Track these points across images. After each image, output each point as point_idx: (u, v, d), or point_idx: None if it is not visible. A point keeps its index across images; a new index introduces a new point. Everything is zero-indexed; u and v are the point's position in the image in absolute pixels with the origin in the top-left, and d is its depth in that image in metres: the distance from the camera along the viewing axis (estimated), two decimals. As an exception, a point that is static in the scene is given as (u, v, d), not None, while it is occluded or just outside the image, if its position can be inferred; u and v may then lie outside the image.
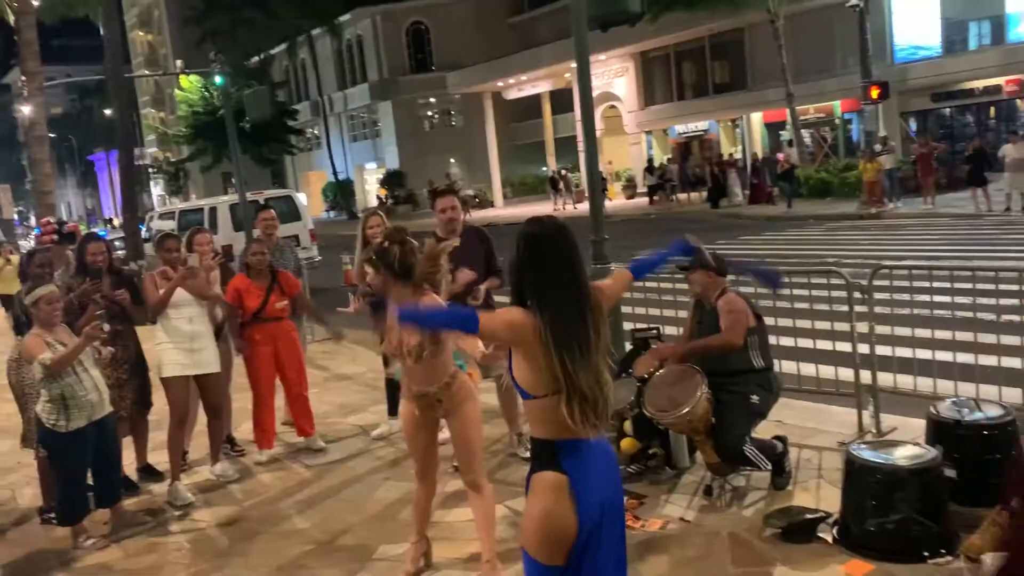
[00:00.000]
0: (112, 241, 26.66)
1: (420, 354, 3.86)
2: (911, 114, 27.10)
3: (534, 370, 2.63)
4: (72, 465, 4.96)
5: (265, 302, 6.17)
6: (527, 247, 2.71)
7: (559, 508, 2.60)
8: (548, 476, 2.64)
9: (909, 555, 3.83)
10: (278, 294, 6.25)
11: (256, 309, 6.16)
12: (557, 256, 2.68)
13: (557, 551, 2.63)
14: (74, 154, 73.33)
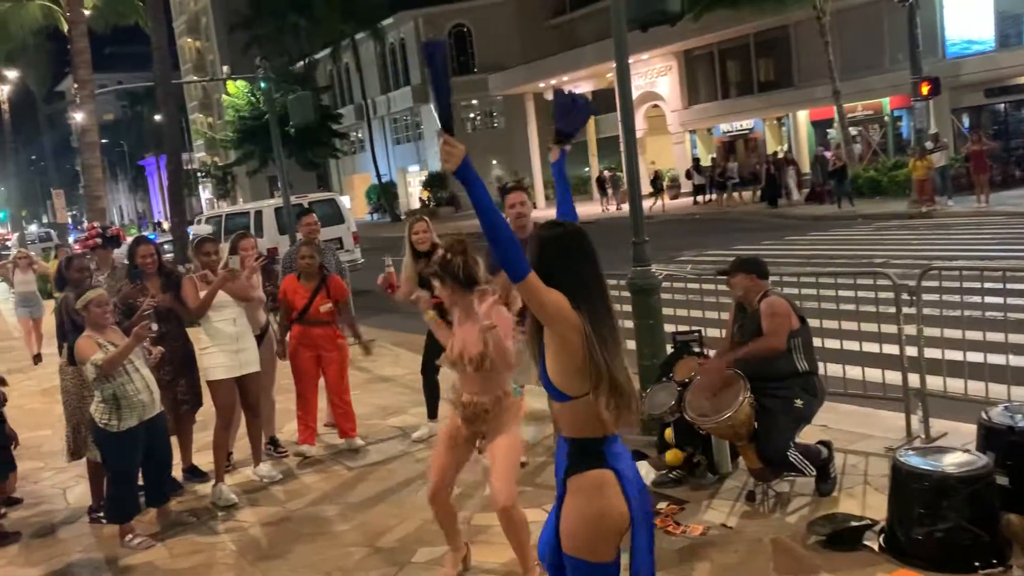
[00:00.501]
0: (161, 244, 27.19)
1: (481, 364, 3.85)
2: (963, 110, 26.44)
3: (572, 369, 2.63)
4: (123, 464, 5.07)
5: (309, 304, 6.26)
6: (557, 249, 2.72)
7: (615, 503, 2.66)
8: (596, 475, 2.67)
9: (958, 565, 3.72)
10: (323, 297, 6.32)
11: (300, 310, 6.26)
12: (585, 256, 2.71)
13: (613, 546, 2.68)
14: (125, 159, 75.08)
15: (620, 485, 2.67)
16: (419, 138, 47.84)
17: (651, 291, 5.96)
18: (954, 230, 16.73)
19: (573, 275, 2.68)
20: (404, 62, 47.12)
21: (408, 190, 49.93)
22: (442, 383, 6.64)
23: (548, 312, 2.61)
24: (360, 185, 52.74)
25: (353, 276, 12.78)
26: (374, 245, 23.03)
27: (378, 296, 14.09)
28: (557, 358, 2.66)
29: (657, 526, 4.51)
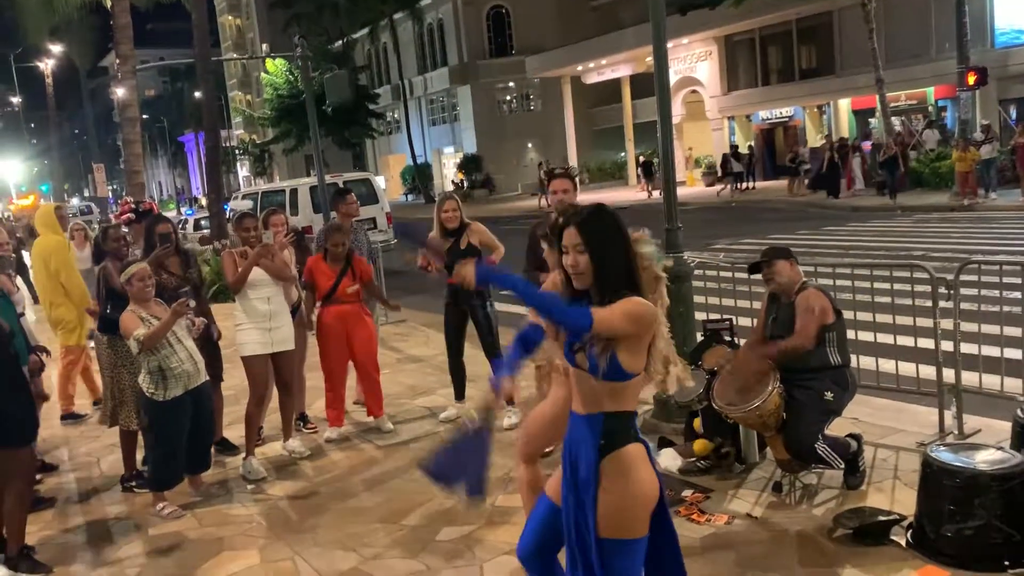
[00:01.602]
0: (199, 219, 27.34)
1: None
2: (1011, 102, 25.79)
3: (640, 351, 2.68)
4: (169, 432, 5.17)
5: (336, 285, 6.30)
6: (623, 233, 2.76)
7: (652, 475, 2.72)
8: (634, 449, 2.71)
9: (988, 564, 3.66)
10: (350, 278, 6.36)
11: (327, 292, 6.31)
12: (623, 233, 2.78)
13: (648, 519, 2.73)
14: (165, 135, 76.01)
15: (649, 457, 2.74)
16: (455, 120, 47.81)
17: (683, 278, 5.91)
18: (996, 224, 16.38)
19: (624, 254, 2.73)
20: (442, 43, 47.05)
21: (443, 171, 49.99)
22: (468, 365, 6.67)
23: (626, 327, 2.62)
24: (395, 166, 52.92)
25: (385, 257, 12.84)
26: (407, 226, 23.06)
27: (411, 276, 14.15)
28: (630, 346, 2.65)
29: (681, 514, 4.50)
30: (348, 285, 6.35)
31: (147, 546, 4.83)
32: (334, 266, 6.37)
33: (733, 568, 3.92)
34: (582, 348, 2.71)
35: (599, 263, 2.69)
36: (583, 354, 2.72)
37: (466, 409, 6.55)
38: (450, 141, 48.68)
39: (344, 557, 4.43)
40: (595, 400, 2.74)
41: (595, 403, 2.74)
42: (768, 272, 4.77)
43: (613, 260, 2.70)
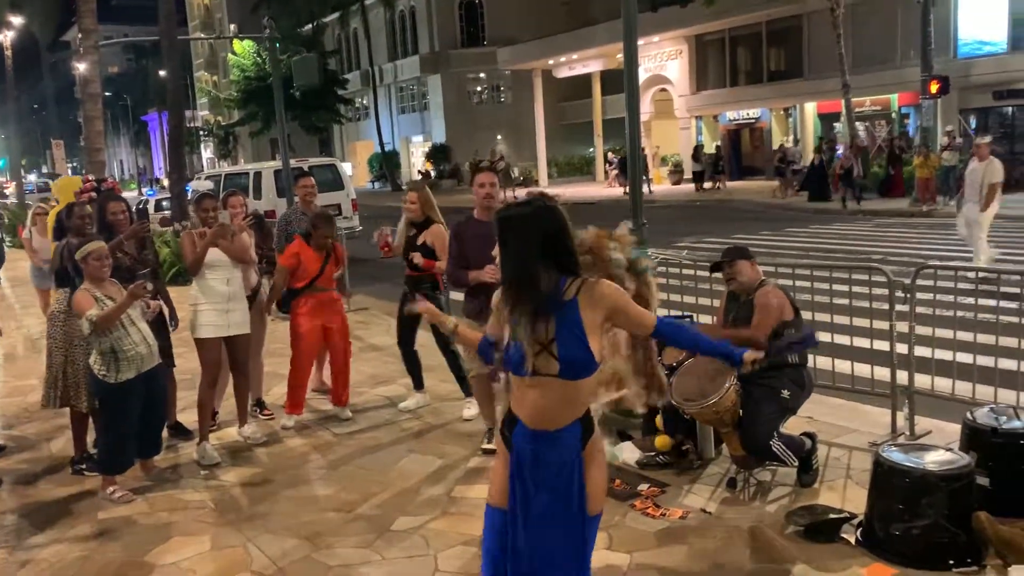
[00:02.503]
0: (160, 200, 26.86)
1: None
2: (971, 111, 26.31)
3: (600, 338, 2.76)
4: (120, 416, 5.07)
5: (322, 270, 6.25)
6: (558, 223, 2.79)
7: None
8: (598, 433, 2.85)
9: (934, 562, 3.73)
10: (334, 264, 6.35)
11: (314, 275, 6.23)
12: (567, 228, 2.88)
13: None
14: (128, 113, 74.57)
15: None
16: (424, 108, 47.55)
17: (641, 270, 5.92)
18: (953, 230, 16.69)
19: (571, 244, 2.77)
20: (413, 30, 46.74)
21: (411, 160, 49.72)
22: (421, 353, 6.64)
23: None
24: (363, 153, 52.51)
25: (350, 244, 12.74)
26: (374, 214, 22.94)
27: (375, 264, 14.04)
28: (599, 334, 2.72)
29: (637, 508, 4.53)
30: (333, 271, 6.38)
31: (96, 530, 4.74)
32: (319, 252, 6.30)
33: (686, 562, 3.96)
34: (544, 349, 2.67)
35: (508, 261, 2.80)
36: (546, 355, 2.67)
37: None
38: (419, 130, 48.41)
39: (297, 545, 4.39)
40: (575, 405, 2.74)
41: (574, 409, 2.74)
42: (729, 272, 4.81)
43: (525, 259, 2.70)
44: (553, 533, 2.75)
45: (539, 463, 2.75)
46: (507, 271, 2.76)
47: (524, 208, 2.78)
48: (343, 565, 4.14)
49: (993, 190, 10.15)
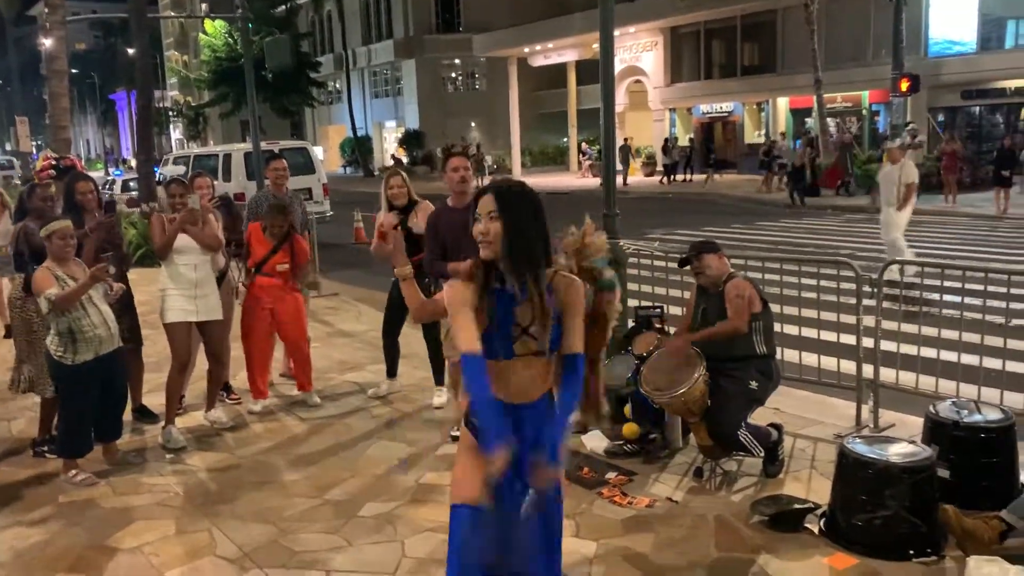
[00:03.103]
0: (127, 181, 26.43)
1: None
2: (940, 109, 26.69)
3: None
4: (78, 398, 4.99)
5: (267, 258, 6.16)
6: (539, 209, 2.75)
7: None
8: None
9: (895, 552, 3.79)
10: (284, 254, 6.21)
11: (259, 261, 6.16)
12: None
13: None
14: (96, 92, 73.28)
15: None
16: (398, 94, 47.23)
17: (618, 265, 5.95)
18: (920, 227, 16.94)
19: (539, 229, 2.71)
20: (388, 14, 46.34)
21: (384, 146, 49.38)
22: (402, 344, 6.60)
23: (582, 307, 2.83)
24: (335, 137, 52.05)
25: (321, 229, 12.65)
26: (345, 199, 22.80)
27: (344, 250, 13.94)
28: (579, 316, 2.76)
29: (604, 496, 4.55)
30: (279, 261, 6.19)
31: (57, 513, 4.67)
32: (271, 239, 6.23)
33: (652, 549, 3.98)
34: (525, 332, 2.69)
35: (511, 232, 2.62)
36: (529, 338, 2.69)
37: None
38: (392, 115, 48.08)
39: (263, 530, 4.35)
40: (543, 379, 2.77)
41: (543, 382, 2.77)
42: (697, 266, 4.83)
43: (526, 230, 2.64)
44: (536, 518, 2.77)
45: (521, 431, 2.72)
46: (508, 244, 2.63)
47: (517, 184, 2.77)
48: (309, 551, 4.12)
49: (910, 191, 10.33)
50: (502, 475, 2.65)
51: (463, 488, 2.76)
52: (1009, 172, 18.00)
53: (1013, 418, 4.32)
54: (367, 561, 3.99)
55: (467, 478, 2.75)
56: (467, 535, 2.71)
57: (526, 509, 2.73)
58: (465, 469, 2.78)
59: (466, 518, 2.71)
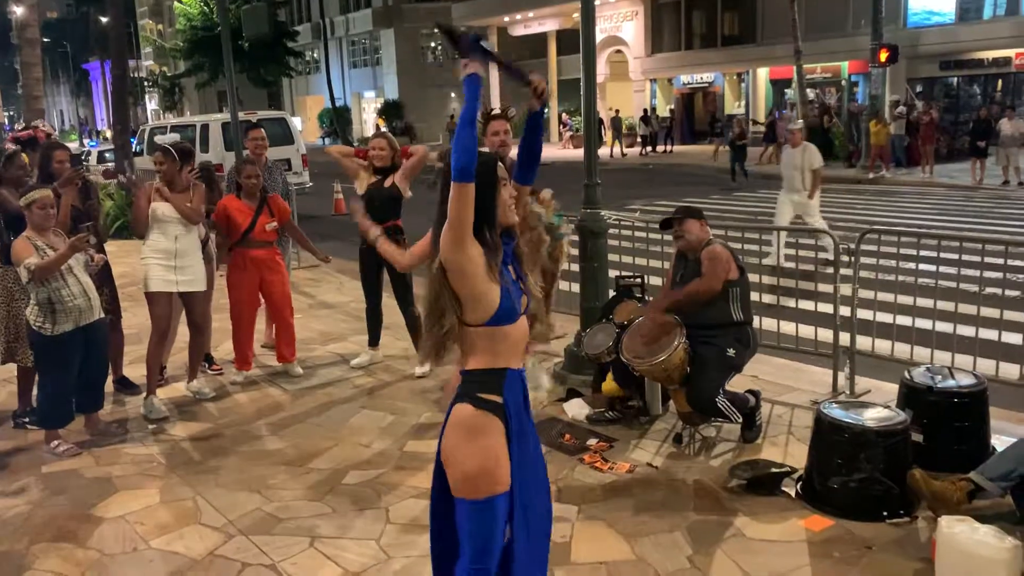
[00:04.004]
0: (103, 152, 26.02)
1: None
2: (918, 80, 26.80)
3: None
4: (57, 369, 4.98)
5: (253, 223, 6.13)
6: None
7: None
8: None
9: (869, 514, 3.88)
10: (267, 216, 6.19)
11: (244, 230, 6.12)
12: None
13: None
14: (69, 61, 71.99)
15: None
16: (377, 64, 46.77)
17: (599, 234, 5.98)
18: (897, 197, 17.11)
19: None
20: (367, -17, 45.77)
21: (363, 116, 48.96)
22: (384, 314, 6.62)
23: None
24: (313, 107, 51.52)
25: (300, 200, 12.57)
26: (324, 170, 22.61)
27: (325, 222, 13.87)
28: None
29: (586, 461, 4.62)
30: (266, 222, 6.16)
31: (40, 483, 4.68)
32: (249, 203, 6.19)
33: (632, 513, 4.05)
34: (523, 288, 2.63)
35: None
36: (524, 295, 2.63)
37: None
38: (371, 85, 47.64)
39: (248, 499, 4.38)
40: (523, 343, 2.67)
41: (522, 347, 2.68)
42: (678, 229, 4.87)
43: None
44: (542, 479, 2.75)
45: (525, 401, 2.66)
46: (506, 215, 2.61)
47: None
48: (294, 518, 4.15)
49: (817, 176, 9.80)
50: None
51: (496, 479, 2.50)
52: (985, 143, 18.17)
53: (985, 383, 4.41)
54: (352, 528, 4.04)
55: (500, 467, 2.50)
56: (499, 522, 2.54)
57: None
58: (493, 458, 2.50)
59: (501, 505, 2.52)
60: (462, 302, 2.50)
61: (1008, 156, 17.33)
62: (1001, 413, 4.79)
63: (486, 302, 2.48)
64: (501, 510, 2.53)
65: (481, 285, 2.48)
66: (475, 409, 2.50)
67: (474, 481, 2.49)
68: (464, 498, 2.52)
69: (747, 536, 3.81)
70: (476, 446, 2.49)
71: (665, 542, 3.78)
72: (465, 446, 2.49)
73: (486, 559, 2.55)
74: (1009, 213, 14.22)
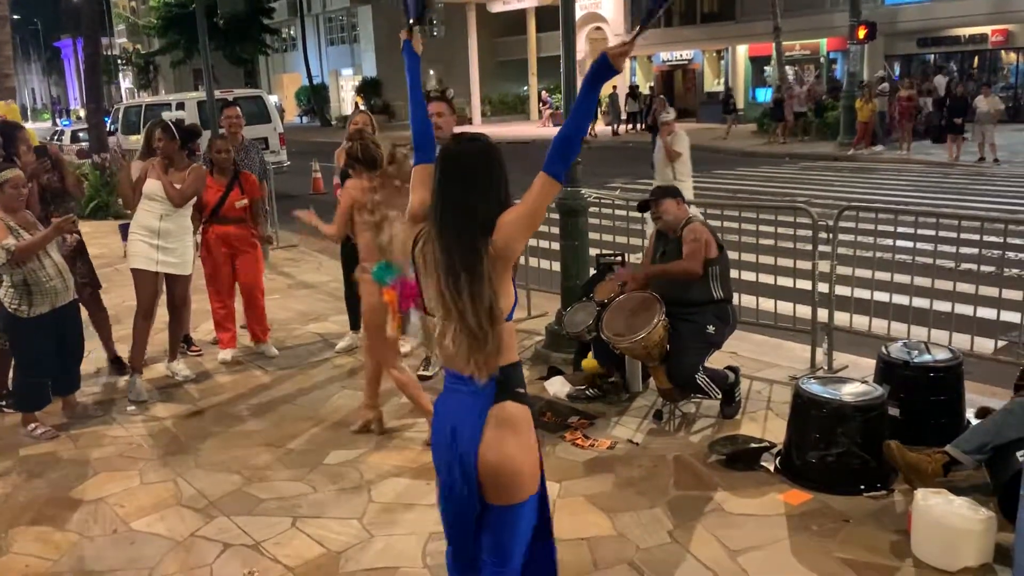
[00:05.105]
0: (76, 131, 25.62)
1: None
2: (895, 58, 26.92)
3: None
4: (33, 351, 4.92)
5: (223, 199, 6.07)
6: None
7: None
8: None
9: (846, 487, 3.93)
10: (238, 193, 6.13)
11: (215, 205, 6.07)
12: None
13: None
14: (39, 39, 70.73)
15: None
16: (354, 41, 46.30)
17: (580, 212, 5.98)
18: (875, 174, 17.22)
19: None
20: (343, -42, 45.21)
21: (340, 95, 48.53)
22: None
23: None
24: (290, 85, 51.00)
25: (278, 180, 12.47)
26: (302, 149, 22.45)
27: (302, 201, 13.76)
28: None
29: (567, 439, 4.64)
30: (237, 198, 6.11)
31: (18, 466, 4.64)
32: (220, 179, 6.13)
33: (612, 489, 4.08)
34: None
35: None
36: None
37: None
38: (349, 63, 47.19)
39: (228, 479, 4.37)
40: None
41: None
42: (656, 210, 4.89)
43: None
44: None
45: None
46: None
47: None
48: (276, 498, 4.15)
49: (672, 156, 9.26)
50: None
51: (536, 477, 2.45)
52: (961, 120, 18.30)
53: (961, 358, 4.47)
54: (334, 507, 4.04)
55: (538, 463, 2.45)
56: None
57: None
58: (537, 452, 2.44)
59: (537, 501, 2.48)
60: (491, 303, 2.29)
61: (984, 133, 17.47)
62: (976, 387, 4.85)
63: (509, 292, 2.35)
64: (537, 503, 2.47)
65: (509, 276, 2.36)
66: (517, 404, 2.36)
67: (532, 479, 2.39)
68: (512, 503, 2.36)
69: (727, 511, 3.85)
70: (529, 444, 2.38)
71: (646, 517, 3.81)
72: (518, 444, 2.35)
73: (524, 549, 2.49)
74: (984, 189, 14.36)
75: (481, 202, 2.28)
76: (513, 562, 2.46)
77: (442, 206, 2.30)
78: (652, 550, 3.56)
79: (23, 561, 3.69)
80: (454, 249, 2.26)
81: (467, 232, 2.26)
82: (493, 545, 2.43)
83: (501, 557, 2.44)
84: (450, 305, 2.27)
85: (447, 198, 2.30)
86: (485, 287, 2.24)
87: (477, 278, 2.24)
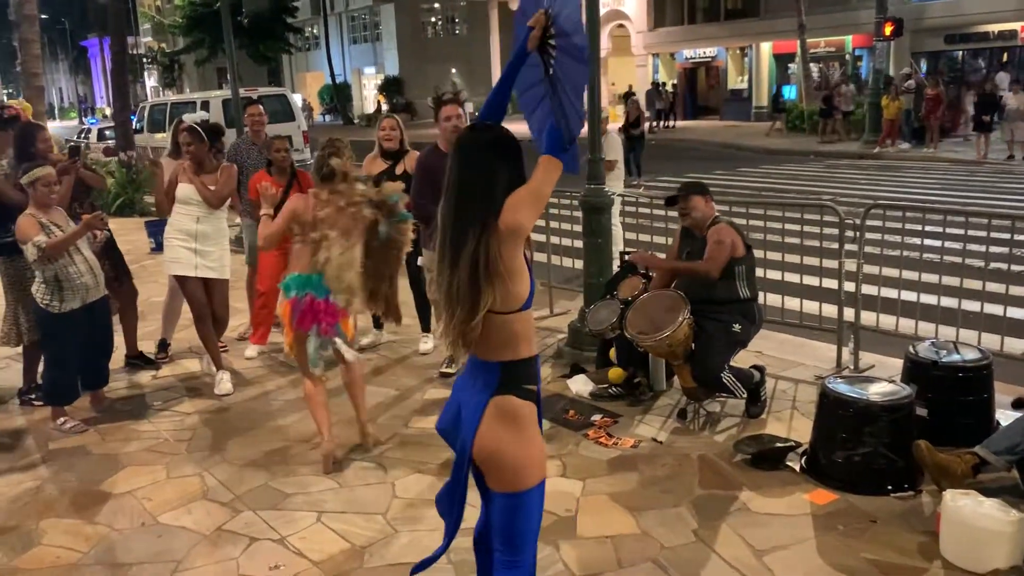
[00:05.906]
0: (103, 130, 25.89)
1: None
2: (922, 55, 26.58)
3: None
4: (63, 346, 4.99)
5: (283, 199, 6.09)
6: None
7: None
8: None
9: (873, 487, 3.90)
10: (297, 191, 6.16)
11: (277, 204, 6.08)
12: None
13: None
14: (67, 38, 71.56)
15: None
16: (377, 39, 46.42)
17: (603, 209, 5.96)
18: (902, 172, 17.03)
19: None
20: (366, -43, 45.36)
21: (363, 93, 48.69)
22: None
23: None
24: (313, 84, 51.24)
25: (302, 176, 12.51)
26: (325, 147, 22.46)
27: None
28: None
29: (590, 437, 4.63)
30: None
31: (48, 459, 4.70)
32: (280, 179, 6.13)
33: (637, 487, 4.07)
34: None
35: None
36: None
37: None
38: (371, 61, 47.33)
39: (254, 474, 4.40)
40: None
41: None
42: (683, 206, 4.86)
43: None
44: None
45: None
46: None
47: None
48: (301, 492, 4.17)
49: (608, 166, 8.94)
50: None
51: (543, 465, 2.52)
52: (989, 118, 18.06)
53: (990, 358, 4.41)
54: (358, 502, 4.06)
55: (544, 453, 2.53)
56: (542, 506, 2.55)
57: None
58: (539, 445, 2.48)
59: (543, 488, 2.51)
60: (499, 288, 2.33)
61: (1013, 131, 17.23)
62: (1006, 388, 4.79)
63: (524, 277, 2.38)
64: (543, 491, 2.50)
65: (522, 260, 2.39)
66: (520, 400, 2.42)
67: (531, 470, 2.43)
68: (513, 491, 2.43)
69: (752, 510, 3.83)
70: (526, 436, 2.42)
71: (670, 516, 3.79)
72: (515, 438, 2.40)
73: (534, 544, 2.55)
74: (1014, 188, 14.15)
75: (492, 185, 2.36)
76: (524, 555, 2.52)
77: (457, 190, 2.38)
78: (677, 549, 3.54)
79: (53, 553, 3.74)
80: (457, 224, 2.35)
81: (472, 211, 2.34)
82: (500, 533, 2.51)
83: (509, 547, 2.51)
84: (445, 270, 2.36)
85: (461, 182, 2.39)
86: (480, 252, 2.30)
87: (473, 245, 2.31)
